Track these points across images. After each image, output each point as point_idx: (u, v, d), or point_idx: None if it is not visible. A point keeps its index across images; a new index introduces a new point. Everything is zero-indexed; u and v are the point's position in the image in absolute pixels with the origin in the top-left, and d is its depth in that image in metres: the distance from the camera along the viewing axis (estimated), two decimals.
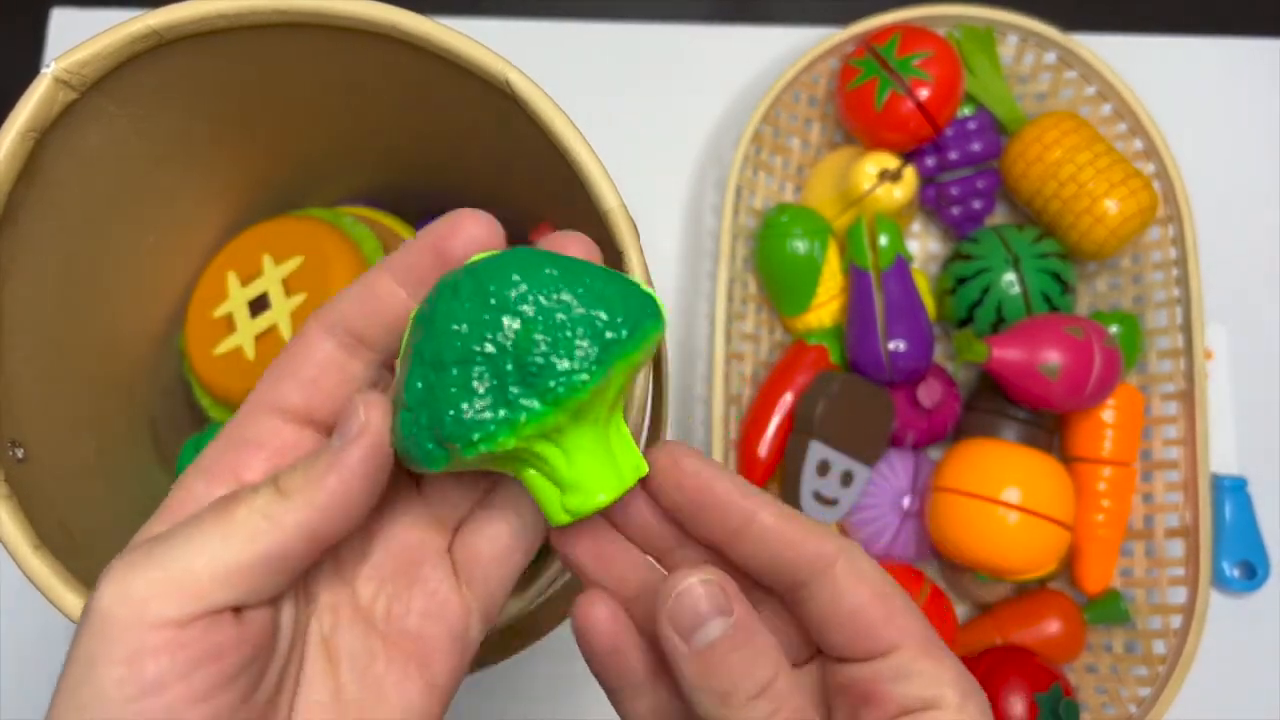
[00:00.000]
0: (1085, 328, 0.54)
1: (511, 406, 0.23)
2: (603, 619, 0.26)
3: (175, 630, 0.21)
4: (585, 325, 0.23)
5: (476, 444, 0.23)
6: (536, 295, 0.23)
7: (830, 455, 0.55)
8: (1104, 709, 0.54)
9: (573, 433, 0.24)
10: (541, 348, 0.23)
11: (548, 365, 0.23)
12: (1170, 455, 0.57)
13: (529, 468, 0.24)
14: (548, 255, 0.24)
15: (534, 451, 0.24)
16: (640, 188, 0.64)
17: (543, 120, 0.34)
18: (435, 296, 0.24)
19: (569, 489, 0.24)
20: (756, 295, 0.62)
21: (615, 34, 0.69)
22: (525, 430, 0.23)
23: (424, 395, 0.23)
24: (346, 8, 0.35)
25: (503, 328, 0.23)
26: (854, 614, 0.24)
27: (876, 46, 0.58)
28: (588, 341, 0.23)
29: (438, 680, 0.26)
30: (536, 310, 0.23)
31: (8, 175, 0.34)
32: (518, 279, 0.23)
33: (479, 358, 0.23)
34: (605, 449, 0.25)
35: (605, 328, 0.23)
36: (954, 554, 0.54)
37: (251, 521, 0.23)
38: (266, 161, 0.47)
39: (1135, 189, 0.56)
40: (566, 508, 0.24)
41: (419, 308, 0.24)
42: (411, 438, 0.23)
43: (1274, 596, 0.60)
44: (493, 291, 0.23)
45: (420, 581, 0.27)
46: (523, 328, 0.23)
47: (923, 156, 0.61)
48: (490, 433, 0.23)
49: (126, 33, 0.34)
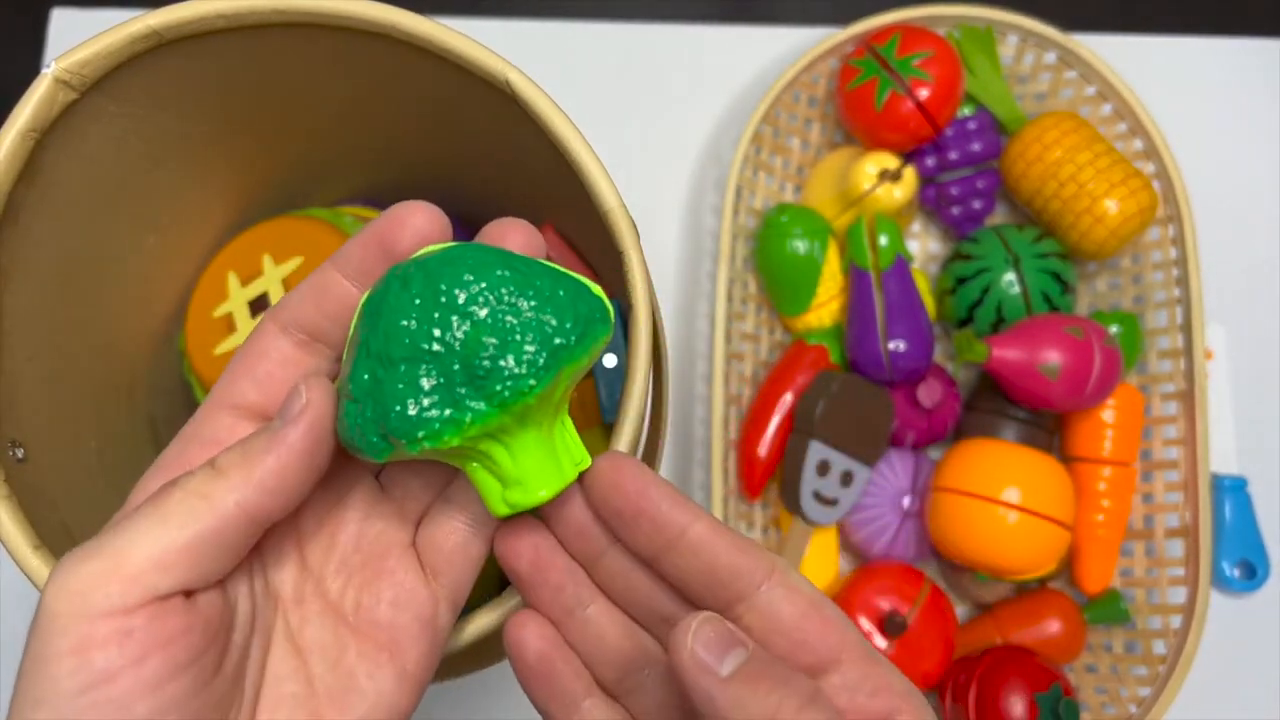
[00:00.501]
0: (1085, 328, 0.54)
1: (458, 406, 0.23)
2: (532, 639, 0.27)
3: (121, 619, 0.21)
4: (534, 330, 0.23)
5: (421, 440, 0.23)
6: (488, 296, 0.23)
7: (830, 455, 0.55)
8: (1104, 709, 0.54)
9: (517, 432, 0.24)
10: (490, 350, 0.23)
11: (495, 369, 0.23)
12: (1170, 455, 0.57)
13: (473, 462, 0.25)
14: (500, 254, 0.24)
15: (479, 449, 0.24)
16: (640, 188, 0.64)
17: (543, 120, 0.34)
18: (384, 288, 0.24)
19: (511, 484, 0.25)
20: (756, 295, 0.62)
21: (615, 34, 0.69)
22: (470, 430, 0.23)
23: (370, 388, 0.24)
24: (346, 8, 0.35)
25: (452, 328, 0.23)
26: (792, 628, 0.25)
27: (876, 46, 0.59)
28: (535, 346, 0.23)
29: (409, 668, 0.27)
30: (488, 312, 0.23)
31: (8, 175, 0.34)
32: (470, 279, 0.23)
33: (427, 356, 0.23)
34: (549, 447, 0.25)
35: (554, 334, 0.24)
36: (954, 554, 0.54)
37: (187, 503, 0.23)
38: (266, 161, 0.47)
39: (1135, 189, 0.56)
40: (508, 501, 0.25)
41: (368, 294, 0.25)
42: (357, 428, 0.24)
43: (1274, 596, 0.60)
44: (443, 290, 0.23)
45: (387, 573, 0.27)
46: (472, 329, 0.23)
47: (923, 156, 0.61)
48: (435, 430, 0.23)
49: (127, 33, 0.34)
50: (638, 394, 0.33)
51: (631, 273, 0.34)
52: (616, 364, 0.52)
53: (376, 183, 0.51)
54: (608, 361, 0.52)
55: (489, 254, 0.24)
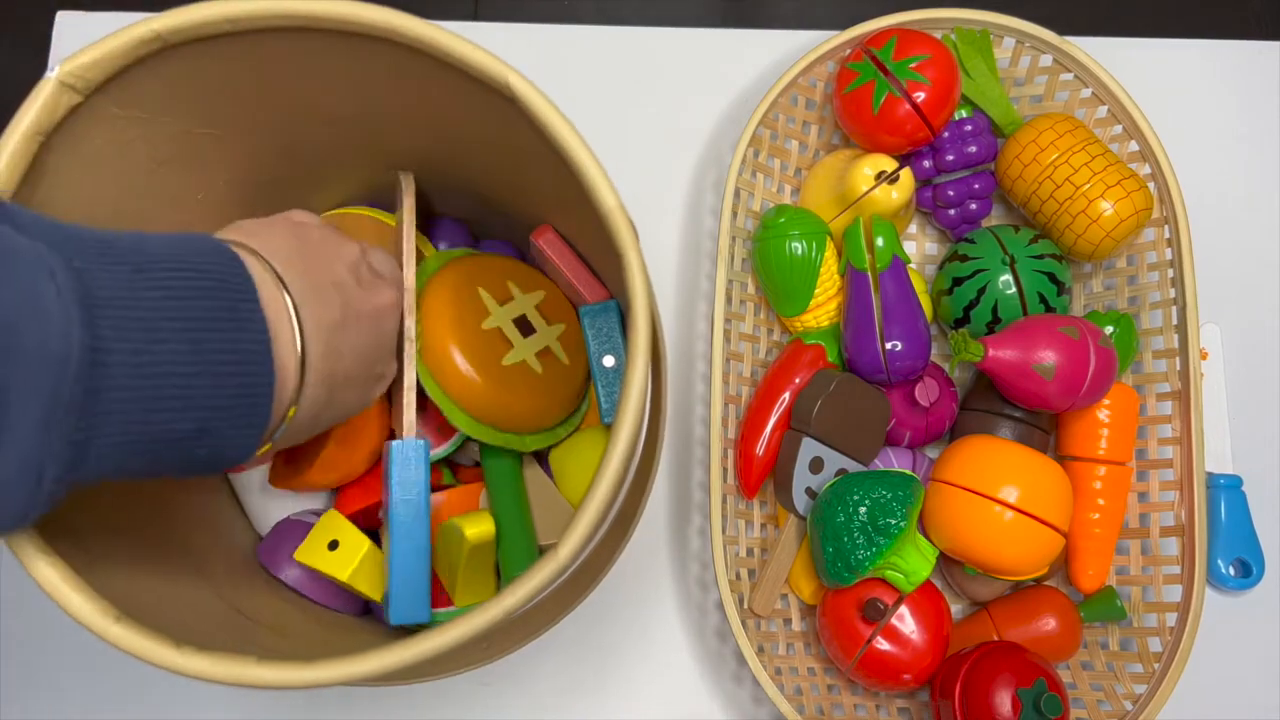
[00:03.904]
0: (1080, 328, 0.54)
1: (876, 546, 0.52)
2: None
3: None
4: (894, 501, 0.52)
5: (866, 566, 0.52)
6: (866, 496, 0.53)
7: (824, 452, 0.55)
8: (1099, 706, 0.54)
9: (901, 548, 0.53)
10: (880, 518, 0.52)
11: (885, 524, 0.52)
12: (1165, 454, 0.58)
13: (888, 569, 0.53)
14: (860, 475, 0.54)
15: (890, 561, 0.53)
16: (640, 189, 0.64)
17: (542, 122, 0.35)
18: (825, 506, 0.54)
19: (907, 575, 0.53)
20: (755, 296, 0.62)
21: (616, 38, 0.69)
22: (884, 554, 0.52)
23: (836, 550, 0.53)
24: (346, 12, 0.35)
25: (860, 514, 0.52)
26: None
27: (873, 50, 0.59)
28: (898, 506, 0.52)
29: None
30: (870, 502, 0.52)
31: (13, 177, 0.35)
32: (858, 495, 0.53)
33: (855, 529, 0.52)
34: (916, 549, 0.54)
35: (904, 499, 0.53)
36: (945, 545, 0.54)
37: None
38: (269, 163, 0.47)
39: (1130, 190, 0.57)
40: (911, 583, 0.53)
41: (813, 510, 0.55)
42: (835, 570, 0.53)
43: (1269, 594, 0.61)
44: (851, 500, 0.53)
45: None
46: (868, 511, 0.52)
47: (920, 159, 0.61)
48: (867, 560, 0.52)
49: (130, 37, 0.35)
50: (637, 394, 0.33)
51: (630, 273, 0.34)
52: (615, 364, 0.52)
53: (378, 183, 0.51)
54: (606, 362, 0.52)
55: (856, 478, 0.54)
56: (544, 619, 0.50)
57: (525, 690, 0.59)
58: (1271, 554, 0.60)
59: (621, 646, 0.60)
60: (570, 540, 0.33)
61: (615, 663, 0.60)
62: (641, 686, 0.59)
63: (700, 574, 0.61)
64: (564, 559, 0.34)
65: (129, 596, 0.34)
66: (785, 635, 0.58)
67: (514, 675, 0.59)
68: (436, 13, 0.41)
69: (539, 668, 0.59)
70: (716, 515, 0.54)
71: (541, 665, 0.59)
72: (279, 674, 0.32)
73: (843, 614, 0.54)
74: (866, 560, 0.52)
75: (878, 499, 0.52)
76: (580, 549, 0.34)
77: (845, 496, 0.52)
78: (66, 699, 0.59)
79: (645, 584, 0.61)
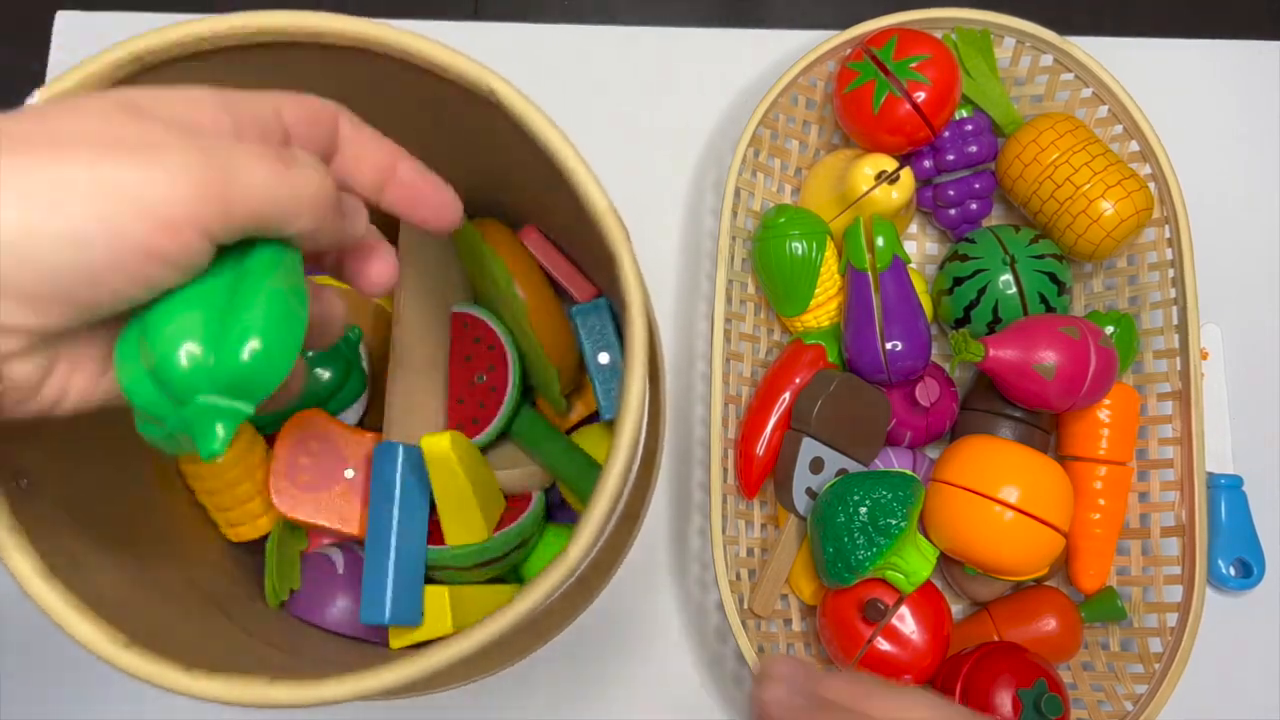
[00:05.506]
0: (1081, 328, 0.54)
1: (877, 547, 0.52)
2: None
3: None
4: (895, 501, 0.52)
5: (866, 567, 0.52)
6: (867, 496, 0.52)
7: (824, 452, 0.55)
8: (1100, 706, 0.54)
9: (901, 549, 0.53)
10: (880, 518, 0.52)
11: (885, 524, 0.52)
12: (1166, 454, 0.58)
13: (889, 570, 0.53)
14: (860, 475, 0.54)
15: (890, 562, 0.53)
16: (640, 189, 0.64)
17: (528, 126, 0.35)
18: (825, 507, 0.54)
19: (908, 575, 0.53)
20: (755, 296, 0.62)
21: (616, 37, 0.69)
22: (885, 554, 0.52)
23: (836, 550, 0.53)
24: (326, 25, 0.35)
25: (861, 514, 0.52)
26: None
27: (874, 49, 0.59)
28: (898, 507, 0.52)
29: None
30: (871, 503, 0.52)
31: None
32: (859, 495, 0.52)
33: (856, 529, 0.52)
34: (916, 549, 0.53)
35: (905, 499, 0.52)
36: (946, 545, 0.54)
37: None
38: None
39: (1131, 190, 0.57)
40: (911, 583, 0.53)
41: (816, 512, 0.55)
42: (836, 570, 0.53)
43: (1269, 594, 0.61)
44: (851, 500, 0.52)
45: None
46: (868, 511, 0.52)
47: (920, 158, 0.61)
48: (867, 560, 0.52)
49: (110, 60, 0.34)
50: (636, 392, 0.33)
51: (624, 273, 0.34)
52: (609, 361, 0.52)
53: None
54: (601, 359, 0.52)
55: (857, 478, 0.54)
56: (553, 623, 0.50)
57: (526, 691, 0.59)
58: (1272, 554, 0.60)
59: (621, 647, 0.60)
60: (580, 539, 0.33)
61: (615, 664, 0.60)
62: (641, 687, 0.59)
63: (700, 574, 0.61)
64: (574, 559, 0.34)
65: (136, 620, 0.34)
66: (785, 636, 0.58)
67: (514, 676, 0.59)
68: (437, 13, 0.41)
69: (539, 668, 0.59)
70: (716, 515, 0.54)
71: (542, 666, 0.59)
72: (293, 693, 0.32)
73: (843, 614, 0.54)
74: (867, 560, 0.52)
75: (878, 499, 0.52)
76: (590, 546, 0.34)
77: (845, 497, 0.52)
78: (67, 699, 0.59)
79: (645, 584, 0.61)
